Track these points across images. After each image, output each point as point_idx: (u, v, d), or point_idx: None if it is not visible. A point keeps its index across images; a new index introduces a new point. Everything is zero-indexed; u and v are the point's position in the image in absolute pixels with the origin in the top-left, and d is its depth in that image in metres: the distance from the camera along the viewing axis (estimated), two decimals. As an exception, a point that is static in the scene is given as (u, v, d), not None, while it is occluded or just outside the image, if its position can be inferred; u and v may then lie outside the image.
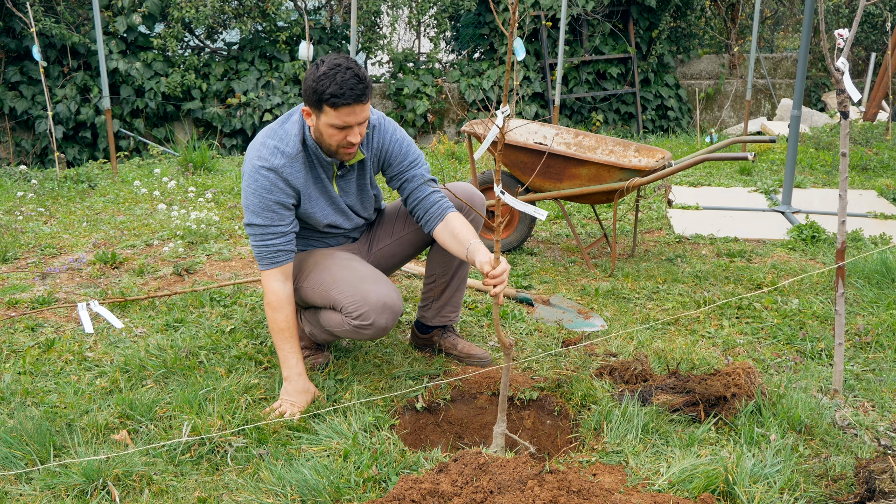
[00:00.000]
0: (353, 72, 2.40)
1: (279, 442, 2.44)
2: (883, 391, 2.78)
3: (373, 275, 2.67)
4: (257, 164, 2.56)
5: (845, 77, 2.55)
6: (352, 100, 2.41)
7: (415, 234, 2.95)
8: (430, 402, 2.79)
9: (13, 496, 2.17)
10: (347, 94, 2.40)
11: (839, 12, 11.07)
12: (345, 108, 2.42)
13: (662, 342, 3.17)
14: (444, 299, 3.00)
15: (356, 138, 2.51)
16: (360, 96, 2.42)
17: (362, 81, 2.41)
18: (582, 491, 2.00)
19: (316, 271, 2.73)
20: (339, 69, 2.39)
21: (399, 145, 2.75)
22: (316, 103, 2.45)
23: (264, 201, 2.56)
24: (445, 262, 2.92)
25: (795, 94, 5.53)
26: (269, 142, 2.59)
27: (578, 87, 10.02)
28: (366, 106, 2.46)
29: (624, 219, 5.39)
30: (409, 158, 2.76)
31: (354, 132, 2.50)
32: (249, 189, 2.57)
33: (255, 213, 2.58)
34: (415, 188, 2.76)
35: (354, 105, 2.42)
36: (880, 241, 4.67)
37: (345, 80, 2.39)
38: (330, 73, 2.39)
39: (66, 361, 3.03)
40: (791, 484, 2.18)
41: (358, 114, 2.45)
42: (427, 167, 2.79)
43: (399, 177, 2.77)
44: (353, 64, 2.42)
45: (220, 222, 5.03)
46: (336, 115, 2.44)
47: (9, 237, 4.70)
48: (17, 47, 8.47)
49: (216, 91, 9.08)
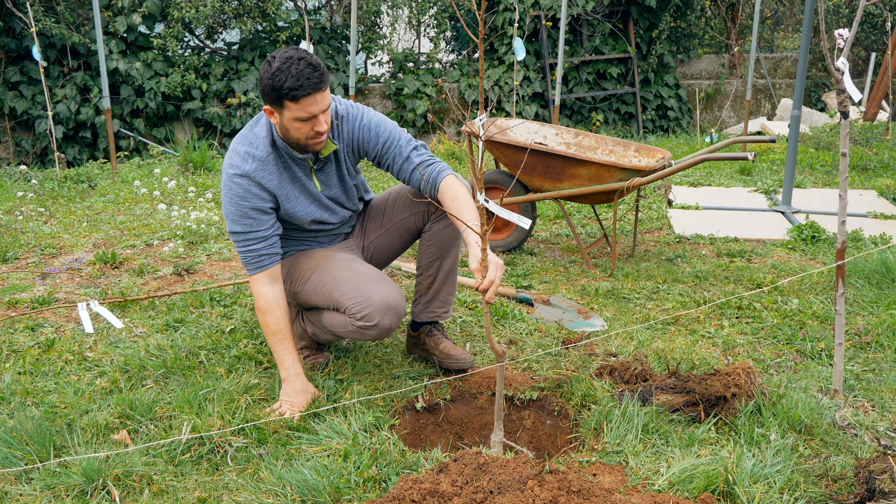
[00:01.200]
0: (306, 61, 2.40)
1: (279, 442, 2.44)
2: (883, 391, 2.78)
3: (375, 276, 2.66)
4: (230, 171, 2.58)
5: (845, 77, 2.55)
6: (310, 89, 2.40)
7: (402, 222, 2.92)
8: (430, 402, 2.79)
9: (13, 496, 2.17)
10: (305, 85, 2.39)
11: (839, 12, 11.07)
12: (305, 98, 2.41)
13: (662, 342, 3.17)
14: (431, 294, 2.95)
15: (322, 126, 2.51)
16: (317, 84, 2.41)
17: (317, 69, 2.41)
18: (582, 491, 2.00)
19: (317, 273, 2.72)
20: (293, 61, 2.39)
21: (368, 130, 2.71)
22: (276, 100, 2.44)
23: (241, 209, 2.58)
24: (430, 254, 2.89)
25: (795, 94, 5.53)
26: (239, 148, 2.61)
27: (578, 87, 10.02)
28: (325, 93, 2.46)
29: (624, 219, 5.39)
30: (381, 140, 2.72)
31: (319, 121, 2.49)
32: (226, 198, 2.60)
33: (234, 220, 2.60)
34: (399, 168, 2.73)
35: (314, 94, 2.42)
36: (880, 241, 4.67)
37: (300, 71, 2.38)
38: (284, 67, 2.39)
39: (66, 361, 3.03)
40: (791, 484, 2.18)
41: (319, 102, 2.45)
42: (406, 139, 2.73)
43: (381, 160, 2.75)
44: (304, 54, 2.42)
45: (220, 222, 5.03)
46: (298, 108, 2.43)
47: (9, 237, 4.70)
48: (17, 47, 8.47)
49: (216, 91, 9.08)
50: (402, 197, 2.91)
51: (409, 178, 2.75)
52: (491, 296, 2.23)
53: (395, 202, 2.93)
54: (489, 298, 2.22)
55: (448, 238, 2.85)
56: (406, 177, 2.75)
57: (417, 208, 2.86)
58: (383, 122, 2.75)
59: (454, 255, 2.91)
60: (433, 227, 2.86)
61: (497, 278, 2.26)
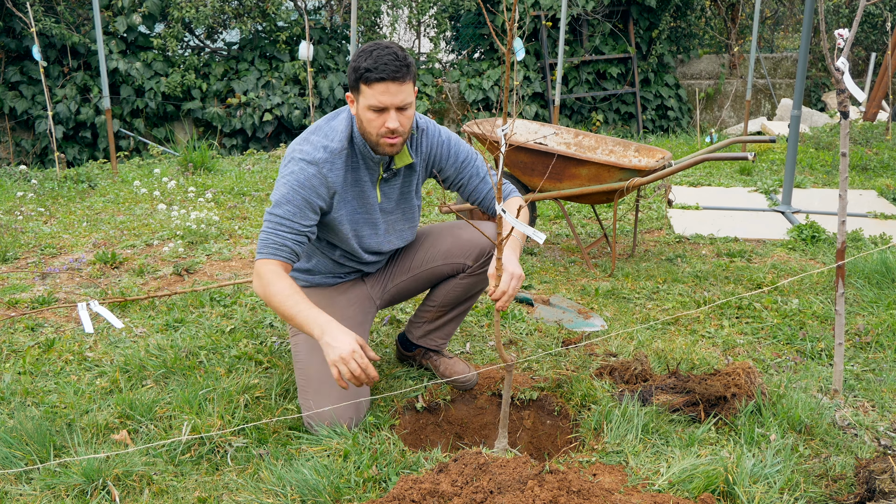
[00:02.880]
0: (391, 50, 2.32)
1: (279, 442, 2.44)
2: (883, 391, 2.78)
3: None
4: (298, 156, 2.45)
5: (847, 77, 2.55)
6: (386, 74, 2.29)
7: (435, 270, 2.76)
8: (430, 402, 2.79)
9: (13, 496, 2.17)
10: (381, 69, 2.29)
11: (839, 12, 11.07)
12: (379, 84, 2.30)
13: (662, 342, 3.17)
14: (436, 324, 2.85)
15: (394, 123, 2.36)
16: (395, 72, 2.30)
17: (400, 59, 2.31)
18: (582, 491, 2.00)
19: (300, 341, 2.60)
20: (378, 47, 2.33)
21: (448, 147, 2.62)
22: (354, 83, 2.36)
23: (294, 193, 2.41)
24: (452, 297, 2.78)
25: (795, 94, 5.53)
26: (313, 137, 2.48)
27: (578, 87, 10.02)
28: (403, 87, 2.33)
29: (624, 219, 5.39)
30: (460, 158, 2.63)
31: (392, 116, 2.36)
32: (283, 179, 2.43)
33: (279, 203, 2.42)
34: (474, 187, 2.66)
35: (389, 82, 2.30)
36: (880, 241, 4.67)
37: (380, 55, 2.30)
38: (368, 49, 2.33)
39: (66, 361, 3.03)
40: (791, 484, 2.18)
41: (394, 93, 2.32)
42: (480, 161, 2.67)
43: (456, 179, 2.66)
44: (393, 45, 2.35)
45: (220, 222, 5.03)
46: (371, 93, 2.32)
47: (9, 237, 4.70)
48: (17, 47, 8.47)
49: (216, 91, 9.08)
50: (438, 245, 2.74)
51: (484, 198, 2.67)
52: (503, 304, 2.22)
53: (430, 249, 2.75)
54: (501, 306, 2.22)
55: (475, 288, 2.77)
56: (481, 197, 2.67)
57: (455, 261, 2.71)
58: (460, 140, 2.67)
59: (473, 301, 2.85)
60: (466, 279, 2.74)
61: (511, 289, 2.24)
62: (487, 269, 2.63)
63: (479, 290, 2.79)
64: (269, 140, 9.32)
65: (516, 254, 2.41)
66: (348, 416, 2.44)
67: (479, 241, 2.68)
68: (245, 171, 6.98)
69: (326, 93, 9.22)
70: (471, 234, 2.69)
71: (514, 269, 2.29)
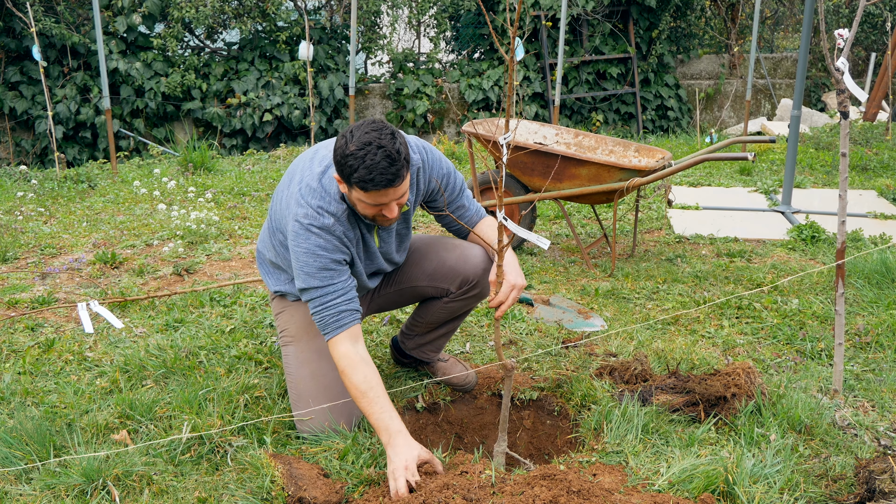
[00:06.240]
0: (384, 151, 2.12)
1: (279, 442, 2.44)
2: (883, 391, 2.78)
3: (332, 386, 2.47)
4: (306, 223, 2.28)
5: (847, 77, 2.55)
6: (382, 185, 2.15)
7: (419, 289, 2.72)
8: (430, 402, 2.79)
9: (13, 496, 2.17)
10: (377, 180, 2.13)
11: (839, 12, 11.07)
12: (375, 192, 2.17)
13: (662, 342, 3.17)
14: (427, 339, 2.83)
15: (393, 213, 2.26)
16: (391, 180, 2.15)
17: (395, 163, 2.14)
18: (582, 491, 2.00)
19: (292, 348, 2.58)
20: (370, 150, 2.12)
21: (446, 180, 2.54)
22: (345, 179, 2.20)
23: (321, 260, 2.29)
24: (439, 317, 2.76)
25: (795, 94, 5.53)
26: (312, 201, 2.31)
27: (578, 87, 10.02)
28: (400, 187, 2.20)
29: (624, 219, 5.39)
30: (455, 192, 2.58)
31: (391, 207, 2.26)
32: (301, 250, 2.29)
33: (310, 275, 2.29)
34: (459, 215, 2.63)
35: (387, 189, 2.17)
36: (880, 241, 4.67)
37: (375, 163, 2.12)
38: (359, 153, 2.12)
39: (66, 361, 3.03)
40: (791, 484, 2.18)
41: (391, 195, 2.20)
42: (463, 187, 2.62)
43: (441, 209, 2.61)
44: (385, 139, 2.14)
45: (220, 222, 5.03)
46: (367, 196, 2.20)
47: (9, 237, 4.70)
48: (17, 47, 8.47)
49: (216, 91, 9.08)
50: (423, 265, 2.69)
51: (458, 228, 2.65)
52: (501, 313, 2.23)
53: (416, 266, 2.71)
54: (499, 315, 2.22)
55: (460, 310, 2.75)
56: (458, 225, 2.64)
57: (439, 285, 2.66)
58: (451, 168, 2.58)
59: (462, 319, 2.85)
60: (451, 303, 2.70)
61: (510, 299, 2.25)
62: (471, 294, 2.65)
63: (467, 310, 2.77)
64: (269, 140, 9.32)
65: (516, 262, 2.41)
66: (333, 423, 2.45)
67: (462, 269, 2.62)
68: (245, 172, 6.99)
69: (326, 93, 9.22)
70: (455, 261, 2.63)
71: (516, 279, 2.28)
